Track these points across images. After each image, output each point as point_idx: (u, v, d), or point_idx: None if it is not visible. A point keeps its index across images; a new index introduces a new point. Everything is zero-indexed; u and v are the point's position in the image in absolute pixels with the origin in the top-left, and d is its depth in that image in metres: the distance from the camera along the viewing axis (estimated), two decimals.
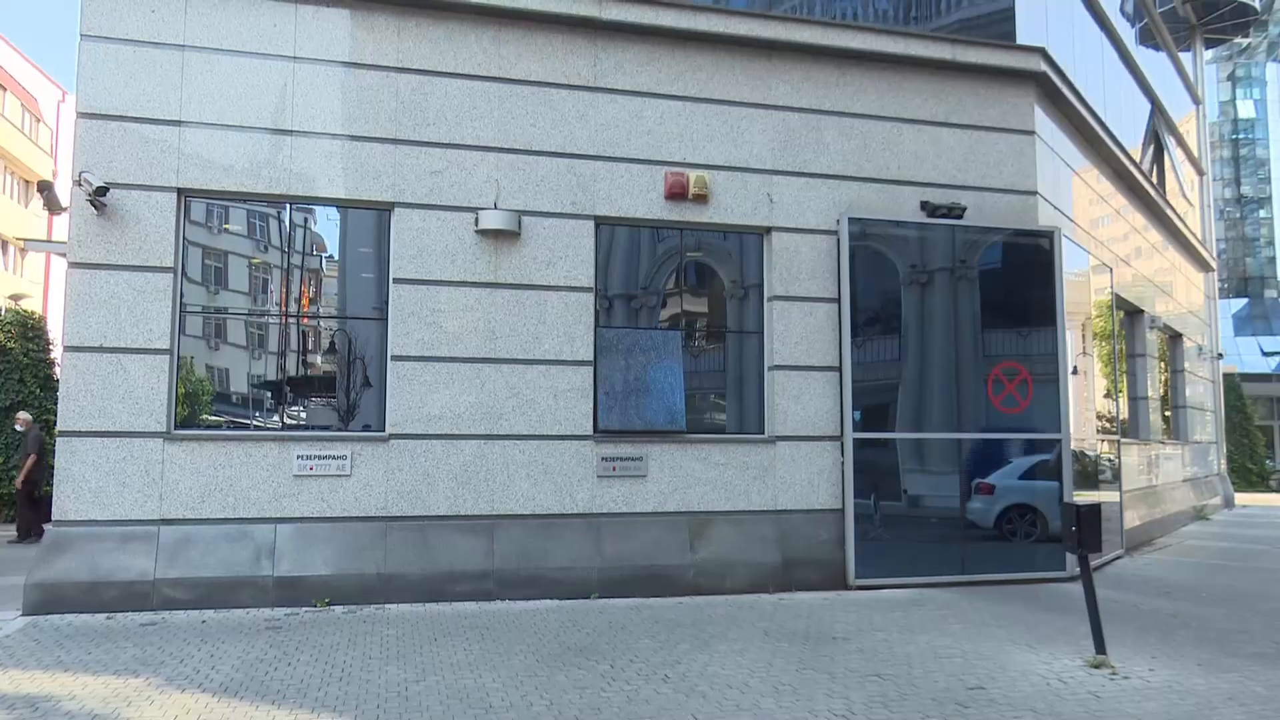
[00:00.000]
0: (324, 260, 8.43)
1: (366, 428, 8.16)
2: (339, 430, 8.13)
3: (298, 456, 7.79)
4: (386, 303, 8.21)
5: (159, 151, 7.75)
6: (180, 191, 7.81)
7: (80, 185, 7.43)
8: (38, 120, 32.79)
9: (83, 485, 7.39)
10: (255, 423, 8.02)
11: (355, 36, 8.24)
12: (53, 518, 7.41)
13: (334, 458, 7.88)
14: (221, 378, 8.08)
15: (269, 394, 8.10)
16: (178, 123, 7.80)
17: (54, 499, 7.41)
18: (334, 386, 8.31)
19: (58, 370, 13.82)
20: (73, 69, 7.71)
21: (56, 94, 33.98)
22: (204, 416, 7.88)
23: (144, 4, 7.81)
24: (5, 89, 29.93)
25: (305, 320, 8.27)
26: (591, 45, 8.78)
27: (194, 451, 7.62)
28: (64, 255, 8.06)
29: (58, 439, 7.47)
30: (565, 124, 8.65)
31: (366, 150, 8.18)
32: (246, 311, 8.14)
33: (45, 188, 8.90)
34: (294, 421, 8.09)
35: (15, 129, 30.49)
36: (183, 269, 7.86)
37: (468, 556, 7.96)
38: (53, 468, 7.78)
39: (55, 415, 8.00)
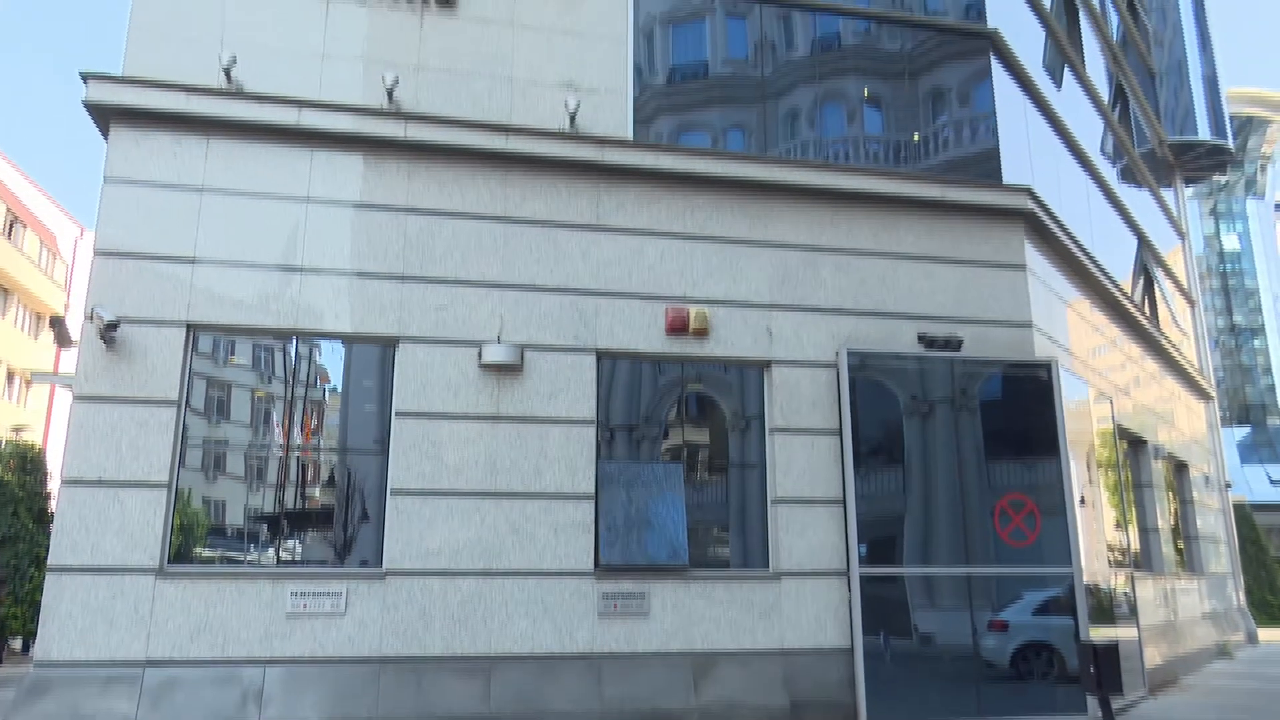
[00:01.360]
0: (327, 392, 8.48)
1: (363, 563, 8.00)
2: (335, 566, 7.97)
3: (291, 594, 7.61)
4: (388, 435, 8.20)
5: (171, 288, 7.91)
6: (189, 326, 7.93)
7: (92, 320, 7.56)
8: (55, 256, 33.66)
9: (69, 624, 7.19)
10: (249, 558, 7.87)
11: (367, 179, 8.55)
12: (35, 659, 7.18)
13: (328, 595, 7.69)
14: (218, 510, 8.00)
15: (265, 527, 7.99)
16: (192, 260, 8.00)
17: (38, 639, 7.20)
18: (331, 520, 8.21)
19: (53, 504, 13.68)
20: (89, 205, 7.99)
21: (75, 231, 34.99)
22: (198, 550, 7.75)
23: (167, 149, 8.14)
24: (26, 226, 30.86)
25: (305, 453, 8.25)
26: (594, 187, 9.10)
27: (186, 588, 7.45)
28: (70, 388, 8.12)
29: (47, 576, 7.32)
30: (568, 261, 8.86)
31: (374, 286, 8.36)
32: (247, 444, 8.13)
33: (57, 322, 9.05)
34: (289, 556, 7.95)
35: (32, 264, 31.25)
36: (186, 402, 7.89)
37: (464, 700, 7.65)
38: (37, 604, 7.60)
39: (47, 551, 7.86)
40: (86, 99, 7.93)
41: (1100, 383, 12.47)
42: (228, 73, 8.20)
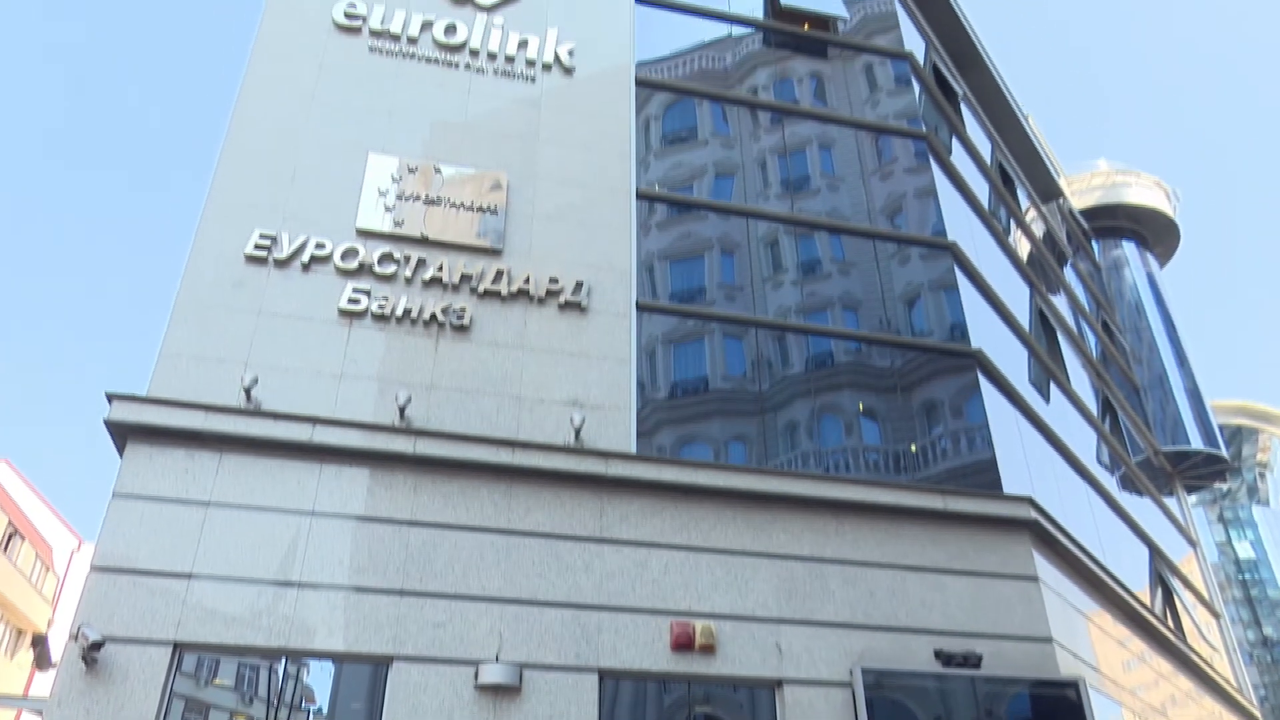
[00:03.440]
0: (311, 715, 7.96)
1: None
2: None
3: None
4: None
5: (163, 604, 7.71)
6: (176, 645, 7.62)
7: (76, 640, 7.28)
8: (48, 569, 33.14)
9: None
10: None
11: (373, 492, 8.65)
12: None
13: None
14: None
15: None
16: (188, 576, 7.87)
17: None
18: None
19: None
20: (87, 514, 8.00)
21: (73, 542, 34.75)
22: None
23: (180, 465, 8.31)
24: (24, 539, 30.70)
25: None
26: (597, 499, 9.17)
27: None
28: (39, 714, 7.64)
29: None
30: (571, 573, 8.71)
31: (370, 601, 8.14)
32: None
33: (39, 642, 8.72)
34: None
35: (24, 579, 30.67)
36: None
37: None
38: None
39: None
40: (109, 418, 8.22)
41: (1133, 702, 11.70)
42: (248, 392, 8.59)
